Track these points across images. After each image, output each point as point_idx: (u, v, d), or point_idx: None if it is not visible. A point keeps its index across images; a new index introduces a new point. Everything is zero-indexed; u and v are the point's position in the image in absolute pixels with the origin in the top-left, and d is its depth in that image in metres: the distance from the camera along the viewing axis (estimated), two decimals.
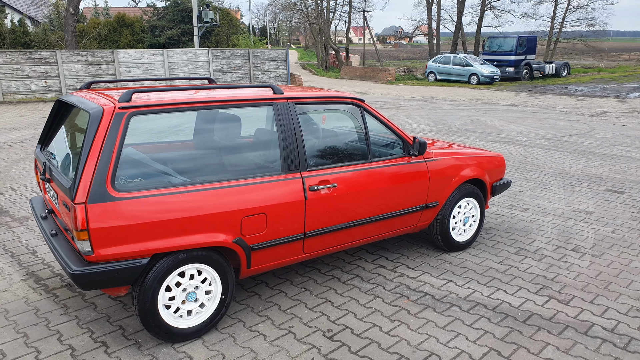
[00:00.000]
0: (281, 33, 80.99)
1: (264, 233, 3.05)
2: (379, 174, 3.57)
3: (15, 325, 3.09)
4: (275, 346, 2.92)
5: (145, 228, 2.62)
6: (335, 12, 39.26)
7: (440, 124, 11.98)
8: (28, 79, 16.21)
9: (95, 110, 2.64)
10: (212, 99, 3.00)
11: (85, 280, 2.53)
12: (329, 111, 3.78)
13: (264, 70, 21.38)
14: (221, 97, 3.04)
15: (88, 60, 17.25)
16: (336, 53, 36.73)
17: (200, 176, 2.91)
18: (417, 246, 4.40)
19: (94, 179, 2.51)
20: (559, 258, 4.18)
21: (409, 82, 27.16)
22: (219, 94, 3.09)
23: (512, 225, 4.97)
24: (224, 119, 3.57)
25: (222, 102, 3.03)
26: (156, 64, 18.48)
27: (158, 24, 28.95)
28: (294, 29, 73.24)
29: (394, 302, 3.43)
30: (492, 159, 4.42)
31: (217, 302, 2.99)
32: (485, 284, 3.71)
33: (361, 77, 29.89)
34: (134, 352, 2.82)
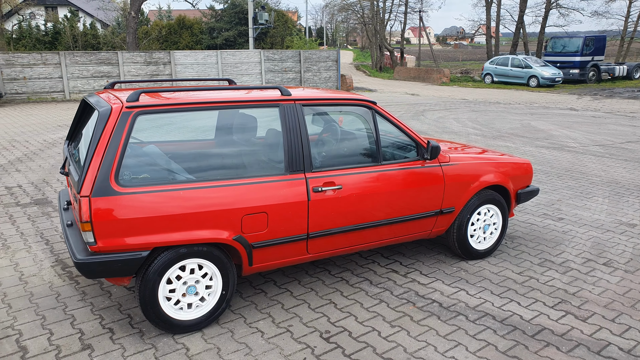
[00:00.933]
0: (338, 34, 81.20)
1: (265, 232, 3.10)
2: (389, 177, 3.54)
3: (37, 307, 3.31)
4: (271, 343, 2.96)
5: (146, 222, 2.74)
6: (392, 12, 38.95)
7: (488, 127, 11.63)
8: (92, 79, 17.17)
9: (104, 109, 2.79)
10: (218, 99, 3.08)
11: (88, 269, 2.67)
12: (339, 113, 3.78)
13: (314, 72, 21.54)
14: (227, 98, 3.12)
15: (146, 61, 18.05)
16: (390, 54, 36.45)
17: (202, 174, 3.01)
18: (434, 252, 4.32)
19: (98, 174, 2.65)
20: (586, 272, 3.97)
21: (464, 83, 26.53)
22: (226, 95, 3.17)
23: (542, 235, 4.77)
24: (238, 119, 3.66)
25: (228, 102, 3.10)
26: (210, 64, 19.05)
27: (216, 25, 29.82)
28: (351, 30, 73.25)
29: (398, 308, 3.39)
30: (517, 165, 4.26)
31: (218, 297, 3.08)
32: (498, 294, 3.59)
33: (415, 78, 29.50)
34: (136, 340, 2.95)
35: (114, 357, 2.79)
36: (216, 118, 3.82)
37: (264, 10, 25.84)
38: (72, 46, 28.92)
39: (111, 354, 2.82)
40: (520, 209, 5.55)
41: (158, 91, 3.06)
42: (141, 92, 2.91)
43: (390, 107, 16.14)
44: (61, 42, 29.55)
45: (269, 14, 26.54)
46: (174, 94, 3.08)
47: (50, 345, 2.88)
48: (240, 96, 3.18)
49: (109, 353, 2.82)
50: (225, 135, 3.78)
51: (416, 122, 12.50)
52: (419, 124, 12.18)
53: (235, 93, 3.25)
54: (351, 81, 23.53)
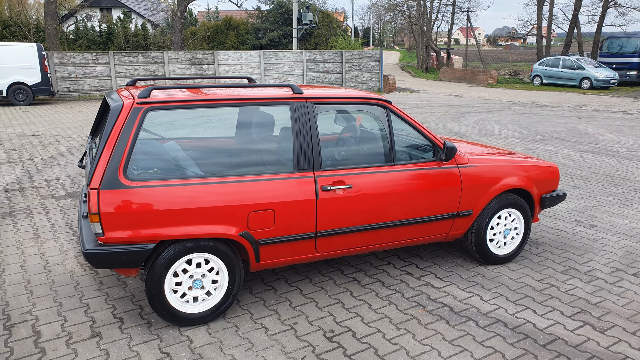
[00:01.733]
0: (385, 34, 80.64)
1: (272, 229, 3.12)
2: (402, 177, 3.48)
3: (56, 295, 3.46)
4: (273, 340, 2.97)
5: (153, 215, 2.81)
6: (439, 12, 38.30)
7: (529, 130, 11.25)
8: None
9: (116, 104, 2.88)
10: (228, 97, 3.12)
11: (95, 259, 2.77)
12: (352, 112, 3.75)
13: (356, 72, 21.48)
14: (237, 96, 3.16)
15: (191, 61, 18.53)
16: (437, 54, 35.87)
17: (211, 170, 3.06)
18: (453, 256, 4.22)
19: (107, 167, 2.74)
20: (613, 282, 3.78)
21: (511, 85, 25.77)
22: (237, 93, 3.20)
23: (570, 242, 4.57)
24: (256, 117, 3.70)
25: (238, 100, 3.14)
26: (253, 64, 19.34)
27: (261, 26, 30.26)
28: (398, 31, 72.57)
29: (407, 310, 3.33)
30: (542, 169, 4.10)
31: (224, 292, 3.12)
32: (514, 301, 3.47)
33: (460, 80, 28.91)
34: (143, 331, 3.03)
35: (120, 345, 2.88)
36: (236, 115, 3.88)
37: (308, 10, 26.00)
38: (124, 46, 30.07)
39: (118, 342, 2.91)
40: (551, 214, 5.34)
41: (168, 88, 3.13)
42: (152, 88, 2.99)
43: (432, 108, 15.90)
44: (114, 42, 30.79)
45: (313, 15, 26.70)
46: (186, 91, 3.14)
47: (62, 332, 3.01)
48: (250, 94, 3.21)
49: (115, 342, 2.92)
50: (241, 132, 3.83)
51: (455, 123, 12.25)
52: (458, 125, 11.93)
53: (246, 91, 3.28)
54: (394, 82, 23.32)
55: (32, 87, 14.83)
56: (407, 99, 19.15)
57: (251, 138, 3.63)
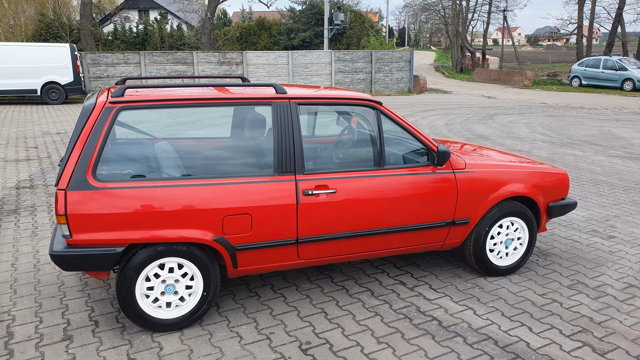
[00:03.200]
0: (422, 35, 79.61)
1: (250, 234, 3.00)
2: (391, 183, 3.31)
3: (38, 295, 3.44)
4: (246, 350, 2.86)
5: (122, 218, 2.74)
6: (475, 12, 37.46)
7: (559, 133, 10.78)
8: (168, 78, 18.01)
9: (88, 104, 2.82)
10: (205, 96, 3.03)
11: (62, 262, 2.72)
12: (341, 113, 3.59)
13: (386, 72, 21.20)
14: (216, 95, 3.05)
15: (220, 61, 18.68)
16: (472, 55, 35.10)
17: (187, 172, 2.97)
18: (452, 266, 4.00)
19: (76, 168, 2.68)
20: (623, 299, 3.49)
21: (548, 87, 24.93)
22: (214, 92, 3.10)
23: (582, 254, 4.27)
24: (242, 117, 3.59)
25: (216, 99, 3.04)
26: (281, 65, 19.34)
27: (293, 26, 30.29)
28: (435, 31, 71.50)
29: (392, 323, 3.15)
30: (549, 175, 3.84)
31: (199, 298, 3.02)
32: (510, 316, 3.24)
33: (495, 81, 28.17)
34: (116, 335, 2.97)
35: (88, 350, 2.82)
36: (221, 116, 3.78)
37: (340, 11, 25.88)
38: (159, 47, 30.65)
39: (87, 347, 2.85)
40: (566, 223, 5.03)
41: (144, 87, 3.05)
42: (126, 87, 2.92)
43: (460, 109, 15.50)
44: (150, 43, 31.43)
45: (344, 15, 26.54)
46: (162, 90, 3.06)
47: (35, 334, 2.98)
48: (229, 93, 3.11)
49: (85, 346, 2.86)
50: (226, 133, 3.73)
51: (482, 126, 11.87)
52: (484, 127, 11.55)
53: (227, 90, 3.17)
54: (425, 82, 22.91)
55: (65, 87, 15.24)
56: (436, 100, 18.76)
57: (233, 139, 3.52)
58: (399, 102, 17.68)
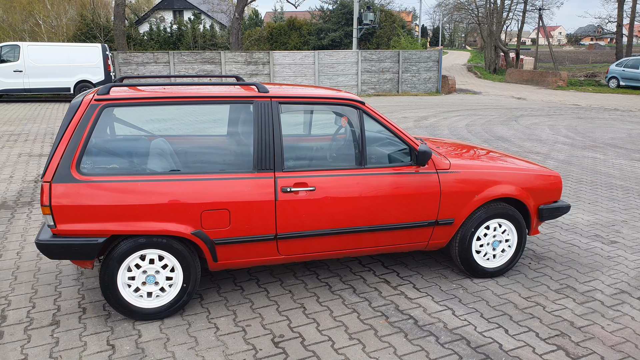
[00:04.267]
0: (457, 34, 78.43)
1: (228, 229, 3.10)
2: (372, 182, 3.34)
3: (36, 282, 3.64)
4: (219, 341, 2.95)
5: (104, 210, 2.87)
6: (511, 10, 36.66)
7: (583, 136, 10.50)
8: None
9: (75, 101, 2.98)
10: (188, 95, 3.14)
11: (47, 250, 2.87)
12: (323, 112, 3.64)
13: (413, 72, 21.04)
14: (199, 94, 3.16)
15: (247, 61, 18.95)
16: (505, 55, 34.39)
17: (165, 168, 3.09)
18: (441, 266, 4.00)
19: (61, 162, 2.84)
20: (611, 305, 3.42)
21: (584, 88, 24.22)
22: (198, 91, 3.21)
23: (579, 258, 4.20)
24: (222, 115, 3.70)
25: (198, 98, 3.15)
26: (307, 65, 19.46)
27: (323, 26, 30.37)
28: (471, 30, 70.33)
29: (368, 320, 3.19)
30: (540, 177, 3.80)
31: (179, 289, 3.13)
32: (488, 318, 3.23)
33: (527, 81, 27.53)
34: (100, 322, 3.11)
35: (72, 335, 2.98)
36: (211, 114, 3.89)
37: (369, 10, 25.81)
38: (192, 46, 31.29)
39: (71, 332, 3.01)
40: (569, 227, 4.93)
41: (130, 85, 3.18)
42: (112, 85, 3.06)
43: (486, 110, 15.26)
44: (183, 42, 32.12)
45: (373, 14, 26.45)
46: (146, 89, 3.18)
47: (26, 318, 3.15)
48: (212, 92, 3.21)
49: (70, 331, 3.02)
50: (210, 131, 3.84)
51: (503, 127, 11.67)
52: (505, 129, 11.36)
53: (210, 89, 3.28)
54: (453, 82, 22.61)
55: (96, 85, 15.77)
56: (463, 101, 18.51)
57: (216, 137, 3.61)
58: (424, 103, 17.54)
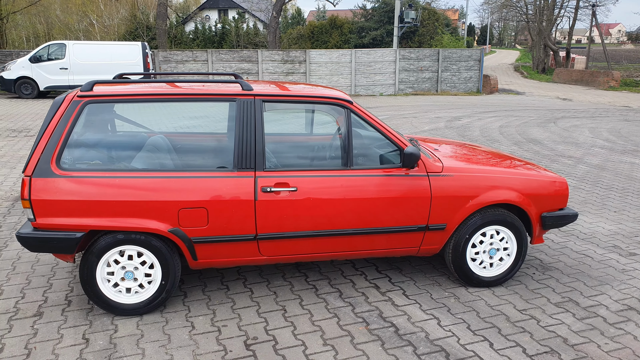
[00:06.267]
0: (506, 33, 76.11)
1: (206, 228, 3.07)
2: (357, 183, 3.24)
3: (31, 273, 3.74)
4: (192, 340, 2.93)
5: (82, 205, 2.91)
6: (562, 7, 35.22)
7: (625, 140, 9.93)
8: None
9: (59, 97, 3.02)
10: (171, 92, 3.13)
11: (27, 243, 2.93)
12: (309, 112, 3.55)
13: (453, 71, 20.55)
14: (181, 91, 3.15)
15: (283, 59, 19.03)
16: (554, 54, 33.09)
17: (151, 165, 3.09)
18: (437, 273, 3.84)
19: (41, 157, 2.89)
20: (614, 322, 3.19)
21: (638, 89, 22.98)
22: (182, 88, 3.19)
23: (589, 270, 3.93)
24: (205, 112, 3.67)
25: (180, 95, 3.13)
26: (344, 63, 19.35)
27: (365, 25, 30.14)
28: (521, 29, 68.06)
29: (347, 326, 3.10)
30: (543, 183, 3.58)
31: (157, 286, 3.14)
32: (475, 330, 3.07)
33: (576, 82, 26.39)
34: (80, 316, 3.16)
35: (51, 327, 3.03)
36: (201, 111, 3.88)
37: (411, 8, 25.40)
38: (235, 45, 31.81)
39: (51, 324, 3.06)
40: (585, 236, 4.64)
41: (112, 82, 3.20)
42: (95, 82, 3.09)
43: (525, 112, 14.71)
44: (227, 41, 32.71)
45: (415, 13, 26.00)
46: (129, 86, 3.20)
47: (13, 308, 3.24)
48: (197, 89, 3.19)
49: (50, 323, 3.07)
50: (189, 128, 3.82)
51: (539, 129, 11.20)
52: (540, 131, 10.89)
53: (194, 86, 3.26)
54: (496, 82, 21.95)
55: None
56: (504, 101, 17.92)
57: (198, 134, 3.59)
58: (462, 103, 17.09)
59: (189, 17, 33.92)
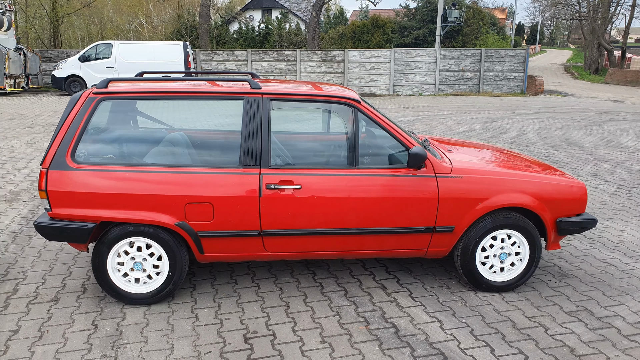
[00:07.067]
0: (558, 32, 73.46)
1: (212, 222, 3.15)
2: (362, 183, 3.23)
3: (55, 260, 3.92)
4: (194, 331, 3.01)
5: (94, 197, 3.04)
6: (619, 5, 33.68)
7: None
8: (272, 75, 18.90)
9: (76, 94, 3.17)
10: (181, 90, 3.22)
11: (43, 231, 3.09)
12: (317, 110, 3.56)
13: (496, 72, 20.06)
14: (191, 89, 3.23)
15: (322, 59, 19.09)
16: (608, 54, 31.71)
17: (156, 160, 3.20)
18: (447, 277, 3.78)
19: (58, 150, 3.04)
20: (628, 334, 3.05)
21: None
22: (190, 86, 3.28)
23: (611, 279, 3.77)
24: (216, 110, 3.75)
25: (190, 93, 3.22)
26: (382, 63, 19.23)
27: (407, 24, 29.82)
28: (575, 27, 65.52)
29: (348, 325, 3.10)
30: (560, 187, 3.46)
31: (165, 278, 3.24)
32: (478, 335, 3.01)
33: (632, 83, 25.23)
34: (93, 303, 3.30)
35: (65, 312, 3.18)
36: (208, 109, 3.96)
37: (454, 7, 24.93)
38: (277, 45, 32.13)
39: (65, 309, 3.22)
40: (612, 244, 4.45)
41: (128, 80, 3.32)
42: (110, 79, 3.22)
43: (569, 114, 14.20)
44: (269, 41, 33.08)
45: (459, 12, 25.50)
46: (141, 84, 3.31)
47: (33, 292, 3.42)
48: (204, 87, 3.27)
49: (64, 308, 3.23)
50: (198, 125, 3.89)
51: (581, 132, 10.78)
52: (582, 134, 10.48)
53: (203, 85, 3.34)
54: (541, 83, 21.26)
55: None
56: (548, 103, 17.34)
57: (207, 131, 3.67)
58: (503, 104, 16.65)
59: (232, 18, 34.53)
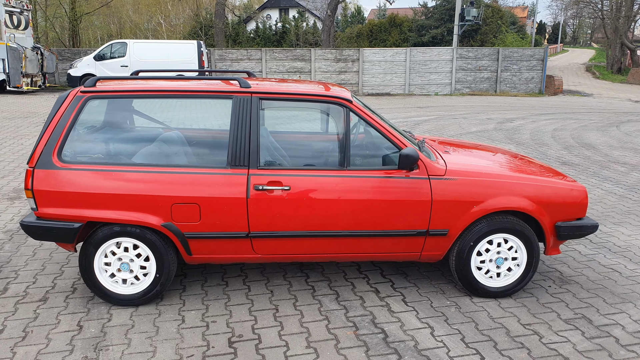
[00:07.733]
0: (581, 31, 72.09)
1: (199, 224, 3.10)
2: (353, 184, 3.16)
3: (48, 259, 3.93)
4: (179, 334, 2.97)
5: (81, 197, 3.02)
6: None
7: None
8: (286, 74, 18.88)
9: (64, 93, 3.15)
10: (169, 89, 3.18)
11: (29, 231, 3.08)
12: (307, 109, 3.48)
13: (513, 71, 19.73)
14: (179, 88, 3.19)
15: (336, 58, 19.00)
16: (632, 53, 31.00)
17: (143, 160, 3.16)
18: (443, 281, 3.68)
19: (44, 149, 3.03)
20: (627, 344, 2.92)
21: None
22: (179, 85, 3.24)
23: (614, 286, 3.63)
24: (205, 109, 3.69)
25: (178, 92, 3.18)
26: (398, 62, 19.07)
27: (425, 23, 29.52)
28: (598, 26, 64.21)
29: (335, 330, 3.03)
30: (559, 190, 3.34)
31: (152, 279, 3.20)
32: (469, 342, 2.91)
33: None
34: (81, 303, 3.28)
35: (52, 312, 3.17)
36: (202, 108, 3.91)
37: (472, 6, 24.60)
38: (294, 44, 32.12)
39: (53, 309, 3.20)
40: (618, 249, 4.29)
41: (116, 78, 3.29)
42: (98, 78, 3.20)
43: (587, 114, 13.88)
44: (286, 40, 33.08)
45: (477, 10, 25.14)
46: (129, 82, 3.28)
47: (22, 292, 3.42)
48: (192, 86, 3.23)
49: (52, 308, 3.22)
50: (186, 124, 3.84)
51: (598, 133, 10.51)
52: (598, 135, 10.22)
53: (191, 83, 3.30)
54: (560, 83, 20.86)
55: None
56: (566, 103, 16.99)
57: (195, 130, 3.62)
58: (519, 104, 16.36)
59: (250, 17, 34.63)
